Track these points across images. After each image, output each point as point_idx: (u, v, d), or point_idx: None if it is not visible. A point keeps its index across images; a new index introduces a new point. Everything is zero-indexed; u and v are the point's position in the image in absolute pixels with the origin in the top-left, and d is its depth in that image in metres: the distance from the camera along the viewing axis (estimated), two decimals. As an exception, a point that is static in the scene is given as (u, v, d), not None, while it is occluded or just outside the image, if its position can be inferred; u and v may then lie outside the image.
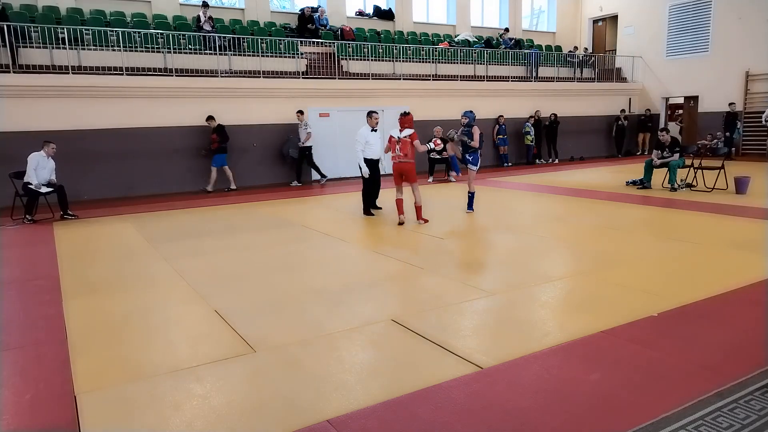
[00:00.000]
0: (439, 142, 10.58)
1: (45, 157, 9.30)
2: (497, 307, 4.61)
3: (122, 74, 11.85)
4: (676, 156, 10.76)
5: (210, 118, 12.38)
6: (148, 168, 12.31)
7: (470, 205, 8.81)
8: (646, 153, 18.40)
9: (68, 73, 11.33)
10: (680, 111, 19.84)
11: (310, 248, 6.94)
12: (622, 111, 18.91)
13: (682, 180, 10.79)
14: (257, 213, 9.57)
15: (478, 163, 8.63)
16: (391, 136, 8.08)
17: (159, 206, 10.52)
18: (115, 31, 12.11)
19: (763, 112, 15.95)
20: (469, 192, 8.76)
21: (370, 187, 9.06)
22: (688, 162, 11.12)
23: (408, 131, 7.94)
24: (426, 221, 7.97)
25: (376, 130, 8.80)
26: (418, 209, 8.02)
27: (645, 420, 2.68)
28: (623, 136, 18.91)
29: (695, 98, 18.55)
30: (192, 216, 9.48)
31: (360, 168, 8.73)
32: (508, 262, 5.98)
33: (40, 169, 9.19)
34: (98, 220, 9.26)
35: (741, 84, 17.04)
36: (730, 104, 16.43)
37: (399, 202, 8.11)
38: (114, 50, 11.97)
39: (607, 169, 15.31)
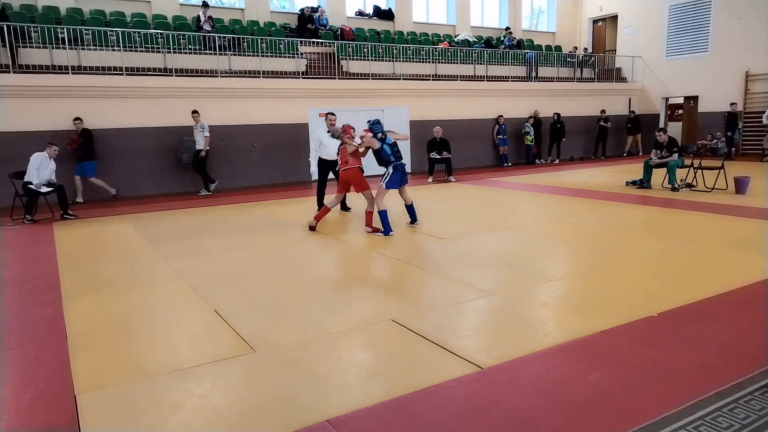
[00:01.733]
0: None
1: (47, 158, 9.31)
2: (497, 307, 4.61)
3: (122, 74, 11.85)
4: (675, 156, 10.76)
5: (77, 119, 11.01)
6: (148, 168, 12.30)
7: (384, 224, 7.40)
8: (638, 154, 18.51)
9: (68, 73, 11.33)
10: (680, 111, 19.85)
11: (310, 248, 6.94)
12: (603, 111, 18.51)
13: (682, 180, 10.79)
14: (257, 213, 9.57)
15: (385, 179, 7.55)
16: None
17: (159, 206, 10.52)
18: (115, 31, 12.11)
19: (763, 112, 15.96)
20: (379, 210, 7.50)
21: (321, 188, 9.32)
22: (687, 162, 11.12)
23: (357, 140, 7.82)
24: (374, 231, 7.36)
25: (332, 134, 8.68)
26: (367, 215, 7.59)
27: (645, 420, 2.68)
28: (605, 138, 18.55)
29: (695, 98, 18.56)
30: (192, 216, 9.48)
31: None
32: (507, 261, 5.98)
33: (41, 170, 9.20)
34: (98, 220, 9.26)
35: (741, 84, 17.04)
36: (731, 104, 16.43)
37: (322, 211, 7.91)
38: (114, 50, 11.97)
39: (607, 169, 15.31)
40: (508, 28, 19.58)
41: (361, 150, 7.65)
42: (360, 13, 17.93)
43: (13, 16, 11.66)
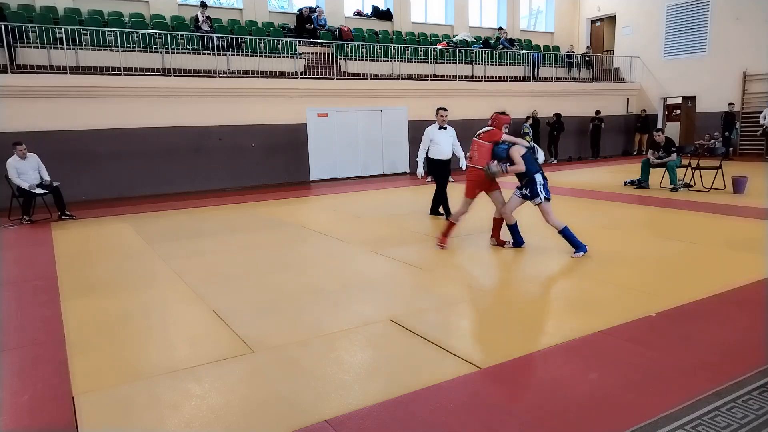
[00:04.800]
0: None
1: (19, 160, 9.10)
2: (496, 306, 4.61)
3: (120, 74, 11.83)
4: (673, 156, 10.77)
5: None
6: (146, 168, 12.30)
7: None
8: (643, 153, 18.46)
9: (66, 73, 11.32)
10: (678, 111, 19.88)
11: (309, 248, 6.93)
12: (597, 112, 18.46)
13: (680, 180, 10.80)
14: (255, 213, 9.56)
15: (541, 193, 5.99)
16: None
17: (157, 206, 10.51)
18: (113, 31, 12.11)
19: (760, 112, 15.99)
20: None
21: (440, 189, 8.47)
22: (685, 162, 11.13)
23: (485, 129, 6.33)
24: (501, 244, 6.40)
25: (445, 128, 8.15)
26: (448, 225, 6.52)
27: (643, 419, 2.69)
28: (599, 137, 18.51)
29: (693, 98, 18.59)
30: (190, 216, 9.47)
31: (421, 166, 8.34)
32: (506, 261, 5.98)
33: (25, 174, 9.06)
34: (96, 220, 9.25)
35: (738, 84, 17.07)
36: (729, 104, 16.47)
37: (495, 223, 6.50)
38: (112, 50, 11.96)
39: (605, 169, 15.33)
40: (500, 28, 19.64)
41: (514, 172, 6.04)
42: (358, 14, 17.94)
43: (10, 16, 11.65)
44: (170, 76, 12.40)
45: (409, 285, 5.24)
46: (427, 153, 8.27)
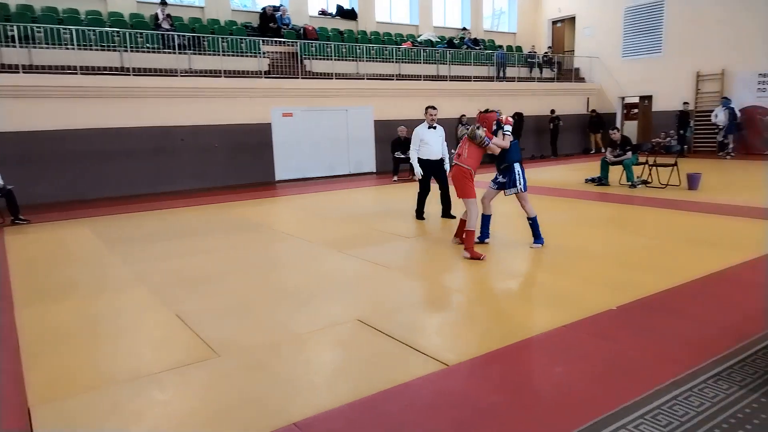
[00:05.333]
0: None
1: None
2: (463, 304, 4.65)
3: (76, 73, 11.47)
4: (629, 154, 11.11)
5: None
6: (106, 170, 11.95)
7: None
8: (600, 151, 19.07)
9: (18, 72, 10.90)
10: (636, 110, 20.50)
11: (274, 250, 6.86)
12: (552, 111, 18.70)
13: (638, 177, 11.13)
14: (220, 215, 9.40)
15: (518, 183, 6.28)
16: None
17: (117, 209, 10.23)
18: (69, 28, 11.72)
19: (712, 111, 16.61)
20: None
21: (423, 190, 8.10)
22: (642, 159, 11.48)
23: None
24: (479, 258, 5.83)
25: (434, 127, 7.80)
26: (466, 234, 6.02)
27: (606, 411, 2.75)
28: (557, 136, 18.82)
29: (649, 98, 19.19)
30: (152, 219, 9.25)
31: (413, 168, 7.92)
32: (472, 259, 6.04)
33: None
34: (53, 224, 8.93)
35: (692, 84, 17.70)
36: (683, 103, 17.05)
37: (460, 224, 6.39)
38: (68, 49, 11.58)
39: (567, 166, 15.67)
40: (464, 28, 19.87)
41: (494, 149, 6.13)
42: (323, 13, 17.84)
43: (-43, 13, 11.16)
44: (129, 75, 12.08)
45: (377, 285, 5.24)
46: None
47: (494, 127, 6.20)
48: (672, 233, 6.84)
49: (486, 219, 6.51)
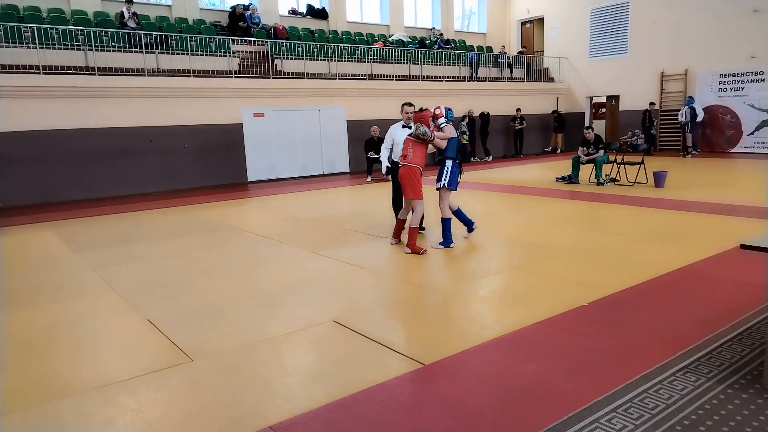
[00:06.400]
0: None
1: None
2: (436, 303, 4.68)
3: (39, 73, 11.14)
4: (601, 152, 11.36)
5: None
6: (71, 172, 11.64)
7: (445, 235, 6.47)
8: (556, 152, 19.66)
9: (-23, 71, 10.54)
10: (604, 109, 20.93)
11: (247, 252, 6.78)
12: (518, 110, 18.73)
13: (606, 175, 11.37)
14: (190, 217, 9.25)
15: (445, 177, 6.33)
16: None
17: (84, 212, 9.97)
18: (30, 26, 11.37)
19: (677, 110, 17.07)
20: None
21: (397, 195, 7.28)
22: (611, 158, 11.74)
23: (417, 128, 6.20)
24: (419, 252, 6.11)
25: (409, 127, 6.83)
26: (409, 231, 6.23)
27: (578, 406, 2.80)
28: (521, 136, 18.97)
29: (617, 97, 19.62)
30: (120, 222, 9.04)
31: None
32: (445, 258, 6.08)
33: None
34: (15, 228, 8.65)
35: (657, 84, 18.16)
36: (650, 104, 17.48)
37: (397, 223, 6.50)
38: (29, 47, 11.23)
39: (538, 165, 15.90)
40: (434, 28, 20.02)
41: (440, 142, 6.18)
42: (293, 12, 17.71)
43: None
44: (95, 74, 11.79)
45: (352, 285, 5.23)
46: (391, 153, 7.10)
47: (432, 123, 6.33)
48: (640, 230, 7.00)
49: (457, 212, 6.60)
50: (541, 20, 22.02)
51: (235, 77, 13.68)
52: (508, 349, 3.57)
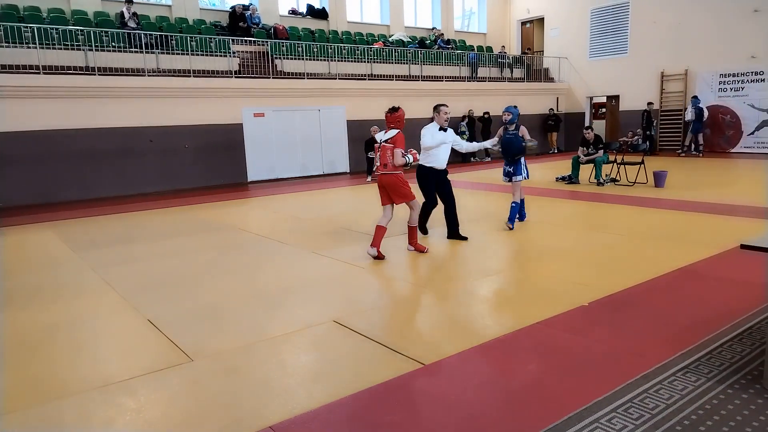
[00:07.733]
0: (417, 154, 6.16)
1: None
2: (437, 303, 4.67)
3: (39, 73, 11.14)
4: (601, 152, 11.36)
5: None
6: (72, 172, 11.64)
7: (511, 218, 7.22)
8: (551, 152, 19.68)
9: (-23, 71, 10.54)
10: (604, 110, 20.93)
11: (248, 252, 6.78)
12: (486, 113, 18.24)
13: (606, 175, 11.37)
14: (191, 217, 9.25)
15: (523, 172, 7.25)
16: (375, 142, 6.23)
17: (84, 212, 9.97)
18: (30, 26, 11.37)
19: (677, 110, 17.06)
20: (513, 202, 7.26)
21: (430, 201, 6.92)
22: (611, 158, 11.74)
23: (392, 132, 5.92)
24: (423, 250, 6.20)
25: (445, 130, 6.48)
26: (409, 231, 6.26)
27: (579, 406, 2.80)
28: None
29: (616, 97, 19.61)
30: (121, 222, 9.04)
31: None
32: (445, 258, 6.08)
33: None
34: (15, 228, 8.65)
35: (657, 84, 18.15)
36: (648, 103, 17.48)
37: (377, 230, 6.03)
38: (29, 47, 11.23)
39: (538, 165, 15.89)
40: (434, 28, 20.01)
41: (398, 162, 5.83)
42: (293, 12, 17.72)
43: None
44: (95, 74, 11.79)
45: (352, 285, 5.22)
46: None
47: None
48: (640, 230, 6.99)
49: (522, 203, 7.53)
50: (541, 20, 22.01)
51: (235, 77, 13.68)
52: (509, 349, 3.57)
